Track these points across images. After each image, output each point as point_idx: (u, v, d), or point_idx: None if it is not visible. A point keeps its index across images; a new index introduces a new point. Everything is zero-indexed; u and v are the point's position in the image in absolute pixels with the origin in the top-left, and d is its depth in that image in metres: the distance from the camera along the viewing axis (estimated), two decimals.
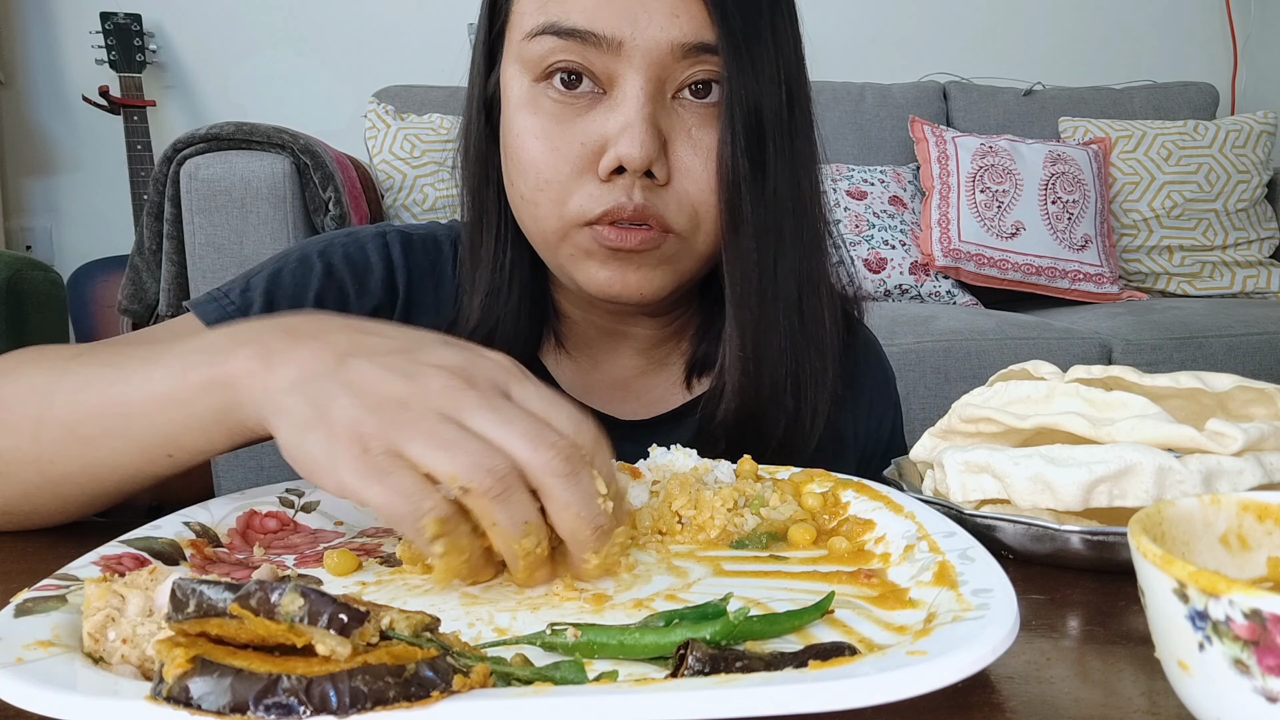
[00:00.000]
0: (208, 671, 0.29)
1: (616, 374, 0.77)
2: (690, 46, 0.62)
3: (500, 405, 0.43)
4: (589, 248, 0.65)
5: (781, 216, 0.67)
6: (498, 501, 0.40)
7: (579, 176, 0.64)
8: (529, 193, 0.65)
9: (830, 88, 2.73)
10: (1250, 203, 2.61)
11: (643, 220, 0.63)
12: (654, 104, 0.62)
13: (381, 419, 0.41)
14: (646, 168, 0.62)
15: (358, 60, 2.87)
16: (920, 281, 2.45)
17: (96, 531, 0.51)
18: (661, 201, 0.64)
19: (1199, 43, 3.18)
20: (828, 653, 0.33)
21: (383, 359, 0.45)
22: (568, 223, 0.65)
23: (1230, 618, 0.27)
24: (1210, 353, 2.06)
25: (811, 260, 0.71)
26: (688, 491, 0.53)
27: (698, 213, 0.65)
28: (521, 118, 0.65)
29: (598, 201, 0.63)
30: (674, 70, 0.63)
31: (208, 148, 1.78)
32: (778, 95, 0.65)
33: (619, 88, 0.62)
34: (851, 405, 0.80)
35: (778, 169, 0.67)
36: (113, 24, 2.62)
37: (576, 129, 0.63)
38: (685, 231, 0.65)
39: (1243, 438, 0.50)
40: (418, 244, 0.78)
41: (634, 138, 0.61)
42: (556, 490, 0.41)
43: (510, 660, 0.34)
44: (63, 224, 2.87)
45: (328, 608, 0.30)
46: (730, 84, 0.63)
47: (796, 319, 0.70)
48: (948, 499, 0.55)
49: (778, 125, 0.66)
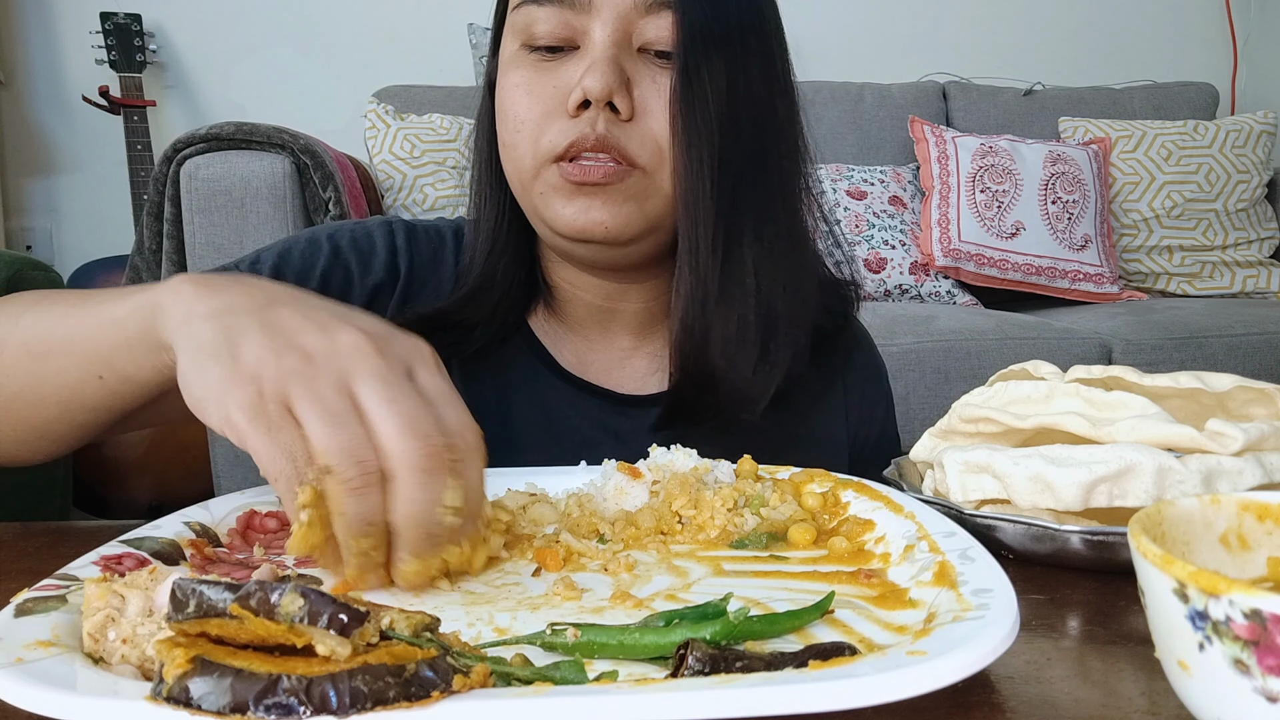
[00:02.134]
0: (208, 672, 0.29)
1: (613, 353, 0.79)
2: (652, 2, 0.67)
3: (395, 382, 0.43)
4: (556, 184, 0.68)
5: (743, 169, 0.70)
6: (351, 493, 0.41)
7: (550, 116, 0.68)
8: (509, 137, 0.70)
9: (830, 88, 2.72)
10: (1250, 203, 2.61)
11: (604, 149, 0.67)
12: (618, 49, 0.67)
13: (283, 367, 0.42)
14: (607, 98, 0.66)
15: (358, 60, 2.87)
16: (920, 281, 2.45)
17: (97, 531, 0.51)
18: (625, 135, 0.67)
19: (1199, 43, 3.18)
20: (828, 653, 0.33)
21: (305, 310, 0.46)
22: (540, 160, 0.69)
23: (1230, 618, 0.27)
24: (1210, 353, 2.06)
25: (775, 220, 0.73)
26: (688, 491, 0.53)
27: (661, 149, 0.68)
28: (509, 75, 0.71)
29: (566, 134, 0.67)
30: (636, 23, 0.68)
31: (208, 148, 1.78)
32: (742, 61, 0.69)
33: (588, 39, 0.68)
34: (842, 395, 0.81)
35: (739, 126, 0.69)
36: (113, 24, 2.62)
37: (551, 76, 0.69)
38: (649, 166, 0.68)
39: (1243, 438, 0.50)
40: (421, 234, 0.81)
41: (597, 71, 0.66)
42: (404, 482, 0.41)
43: (510, 660, 0.34)
44: (63, 224, 2.87)
45: (328, 608, 0.30)
46: (686, 33, 0.67)
47: (758, 268, 0.71)
48: (948, 499, 0.55)
49: (744, 88, 0.69)
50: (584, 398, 0.76)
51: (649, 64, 0.69)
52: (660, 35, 0.67)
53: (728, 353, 0.70)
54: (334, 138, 2.07)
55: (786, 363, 0.72)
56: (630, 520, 0.52)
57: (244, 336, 0.44)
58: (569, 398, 0.76)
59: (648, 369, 0.79)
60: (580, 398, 0.76)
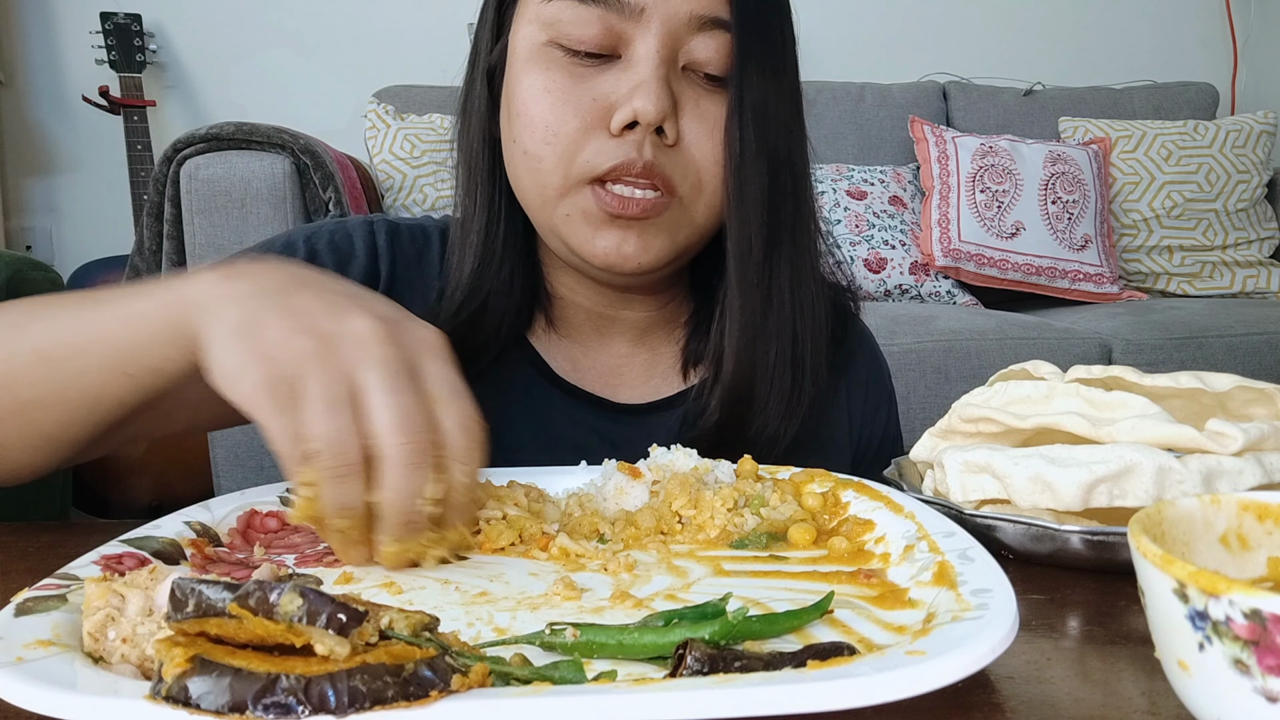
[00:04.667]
0: (207, 671, 0.29)
1: (609, 360, 0.78)
2: (706, 19, 0.64)
3: (399, 374, 0.45)
4: (589, 209, 0.65)
5: (782, 200, 0.69)
6: (330, 480, 0.43)
7: (588, 131, 0.64)
8: (534, 146, 0.65)
9: (830, 88, 2.72)
10: (1250, 203, 2.61)
11: (650, 177, 0.64)
12: (667, 67, 0.64)
13: (298, 349, 0.44)
14: (660, 122, 0.63)
15: (358, 60, 2.87)
16: (920, 281, 2.45)
17: (97, 531, 0.51)
18: (670, 161, 0.65)
19: (1199, 43, 3.18)
20: (826, 653, 0.33)
21: (325, 296, 0.48)
22: (573, 179, 0.65)
23: (1230, 618, 0.27)
24: (1210, 353, 2.06)
25: (804, 250, 0.72)
26: (688, 491, 0.53)
27: (701, 180, 0.66)
28: (531, 74, 0.66)
29: (608, 156, 0.64)
30: (686, 40, 0.64)
31: (208, 148, 1.78)
32: (781, 87, 0.67)
33: (633, 49, 0.64)
34: (845, 398, 0.80)
35: (778, 155, 0.68)
36: (113, 24, 2.62)
37: (588, 86, 0.64)
38: (688, 197, 0.66)
39: (1243, 438, 0.50)
40: (405, 233, 0.79)
41: (649, 92, 0.62)
42: (387, 472, 0.44)
43: (509, 660, 0.34)
44: (63, 224, 2.87)
45: (326, 607, 0.30)
46: (741, 59, 0.64)
47: (792, 301, 0.71)
48: (948, 499, 0.55)
49: (780, 114, 0.67)
50: (579, 406, 0.75)
51: (695, 86, 0.66)
52: (711, 57, 0.65)
53: (761, 393, 0.70)
54: (334, 138, 2.07)
55: (808, 404, 0.71)
56: (630, 520, 0.52)
57: (266, 317, 0.46)
58: (564, 405, 0.75)
59: (643, 376, 0.77)
60: (575, 406, 0.75)
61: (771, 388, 0.70)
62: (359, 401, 0.44)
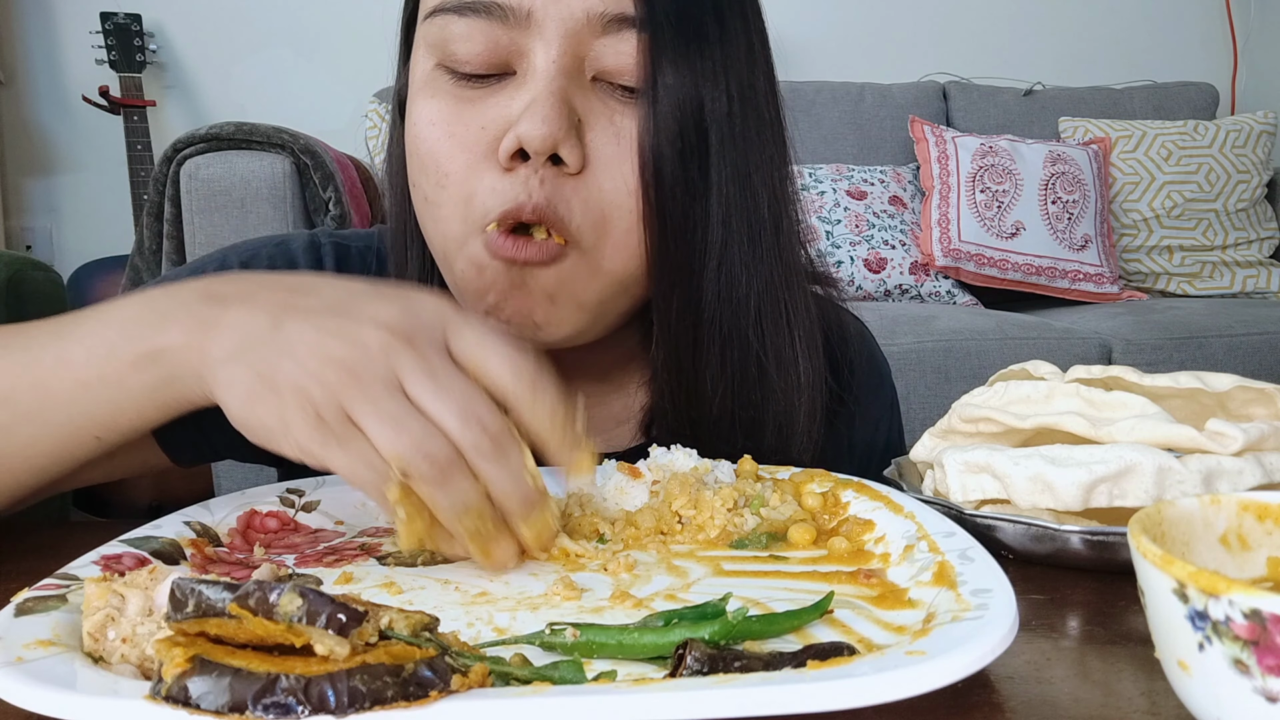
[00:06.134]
0: (206, 671, 0.29)
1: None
2: (610, 17, 0.53)
3: (437, 369, 0.42)
4: (480, 261, 0.55)
5: (728, 233, 0.58)
6: (436, 487, 0.41)
7: (478, 166, 0.55)
8: (431, 192, 0.56)
9: (830, 88, 2.73)
10: (1250, 203, 2.61)
11: (540, 222, 0.54)
12: (567, 79, 0.53)
13: (327, 384, 0.41)
14: (551, 149, 0.52)
15: (358, 60, 2.86)
16: (920, 281, 2.45)
17: (97, 531, 0.51)
18: (564, 200, 0.54)
19: (1199, 43, 3.18)
20: (826, 653, 0.33)
21: (318, 320, 0.44)
22: (470, 226, 0.55)
23: (1230, 618, 0.27)
24: (1210, 353, 2.06)
25: (776, 283, 0.61)
26: (688, 491, 0.53)
27: (606, 217, 0.55)
28: (420, 104, 0.57)
29: (498, 196, 0.54)
30: (592, 46, 0.54)
31: (208, 148, 1.78)
32: (722, 92, 0.56)
33: (528, 63, 0.54)
34: (846, 424, 0.74)
35: (723, 178, 0.57)
36: (113, 24, 2.62)
37: (476, 111, 0.55)
38: (588, 242, 0.55)
39: (1243, 438, 0.50)
40: (355, 255, 0.71)
41: (536, 113, 0.52)
42: (482, 469, 0.42)
43: (509, 660, 0.34)
44: (63, 224, 2.87)
45: (326, 607, 0.30)
46: (654, 60, 0.54)
47: (748, 352, 0.62)
48: (948, 499, 0.55)
49: (723, 127, 0.57)
50: None
51: (605, 99, 0.55)
52: (622, 64, 0.54)
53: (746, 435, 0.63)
54: (334, 138, 2.07)
55: (820, 430, 0.65)
56: (630, 520, 0.52)
57: (274, 368, 0.42)
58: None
59: (614, 420, 0.69)
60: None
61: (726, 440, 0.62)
62: (416, 410, 0.42)
